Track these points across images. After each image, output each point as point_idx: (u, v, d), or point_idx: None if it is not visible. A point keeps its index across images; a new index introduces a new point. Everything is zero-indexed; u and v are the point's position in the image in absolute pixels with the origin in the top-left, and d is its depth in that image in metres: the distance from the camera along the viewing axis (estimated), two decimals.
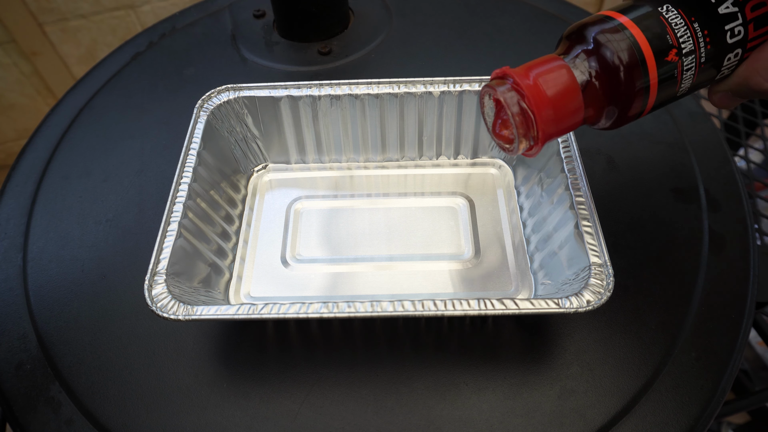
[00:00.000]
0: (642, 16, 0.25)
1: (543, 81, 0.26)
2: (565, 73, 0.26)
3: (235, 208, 0.39)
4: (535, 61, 0.27)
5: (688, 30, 0.25)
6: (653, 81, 0.26)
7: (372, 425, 0.30)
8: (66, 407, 0.31)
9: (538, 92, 0.25)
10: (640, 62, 0.25)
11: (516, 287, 0.35)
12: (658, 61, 0.25)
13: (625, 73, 0.25)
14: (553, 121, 0.26)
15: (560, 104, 0.26)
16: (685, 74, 0.26)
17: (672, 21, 0.25)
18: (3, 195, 0.42)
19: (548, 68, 0.26)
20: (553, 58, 0.27)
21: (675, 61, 0.25)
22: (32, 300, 0.36)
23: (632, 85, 0.26)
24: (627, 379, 0.31)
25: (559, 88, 0.26)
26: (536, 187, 0.37)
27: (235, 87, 0.38)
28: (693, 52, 0.25)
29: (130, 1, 0.99)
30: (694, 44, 0.25)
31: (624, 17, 0.26)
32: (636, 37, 0.25)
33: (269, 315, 0.28)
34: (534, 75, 0.26)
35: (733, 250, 0.36)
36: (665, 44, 0.25)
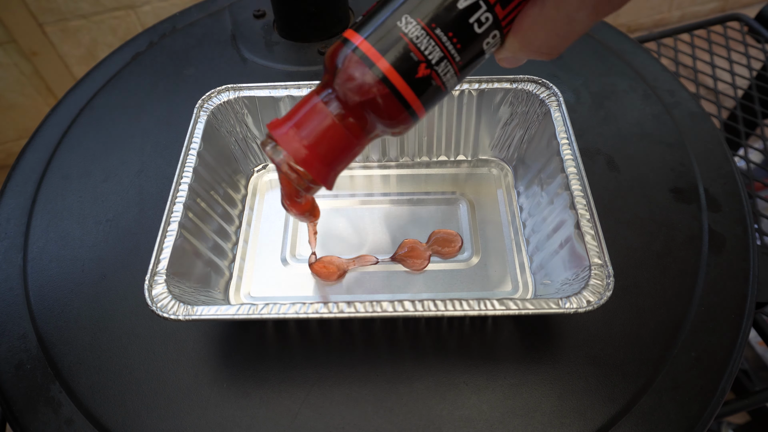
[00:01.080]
0: (381, 36, 0.23)
1: (303, 136, 0.25)
2: (325, 119, 0.25)
3: (234, 208, 0.39)
4: (295, 109, 0.26)
5: (431, 39, 0.23)
6: (412, 99, 0.24)
7: (372, 425, 0.30)
8: (66, 407, 0.31)
9: (302, 153, 0.25)
10: (392, 90, 0.24)
11: (516, 287, 0.35)
12: (409, 82, 0.24)
13: (380, 104, 0.24)
14: (327, 164, 0.26)
15: (328, 151, 0.25)
16: (445, 77, 0.24)
17: (412, 35, 0.23)
18: (3, 195, 0.42)
19: (306, 118, 0.25)
20: (311, 101, 0.26)
21: (428, 74, 0.24)
22: (32, 300, 0.36)
23: (392, 110, 0.24)
24: (627, 379, 0.31)
25: (322, 138, 0.25)
26: (536, 187, 0.37)
27: (235, 87, 0.38)
28: (443, 57, 0.24)
29: (130, 1, 0.99)
30: (443, 50, 0.23)
31: (364, 41, 0.24)
32: (379, 65, 0.23)
33: (269, 315, 0.28)
34: (293, 132, 0.25)
35: (733, 250, 0.36)
36: (411, 63, 0.23)
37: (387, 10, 0.24)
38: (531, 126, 0.38)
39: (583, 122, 0.44)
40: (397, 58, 0.23)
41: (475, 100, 0.38)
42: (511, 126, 0.39)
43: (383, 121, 0.25)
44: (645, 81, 0.47)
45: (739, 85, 0.61)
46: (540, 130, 0.37)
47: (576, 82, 0.47)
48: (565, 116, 0.35)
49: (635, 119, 0.44)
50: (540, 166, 0.37)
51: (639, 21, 1.38)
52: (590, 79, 0.47)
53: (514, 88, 0.37)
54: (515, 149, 0.40)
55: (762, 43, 0.63)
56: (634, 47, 0.50)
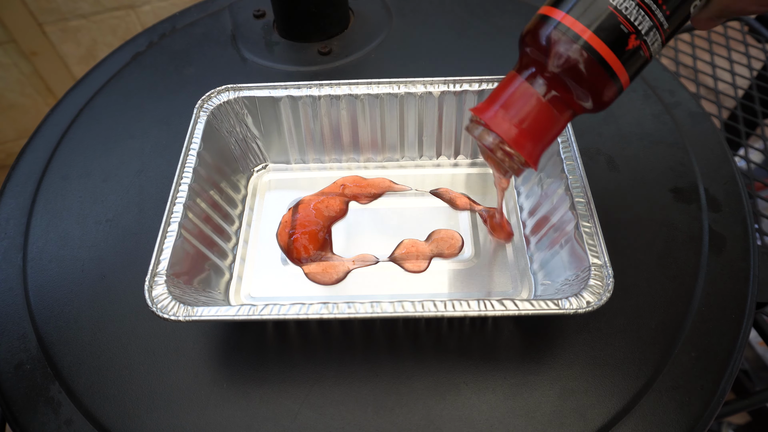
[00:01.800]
0: (586, 8, 0.23)
1: (512, 116, 0.25)
2: (532, 98, 0.24)
3: (235, 208, 0.39)
4: (498, 90, 0.26)
5: (641, 9, 0.22)
6: (621, 71, 0.24)
7: (372, 425, 0.30)
8: (66, 407, 0.31)
9: (512, 133, 0.25)
10: (601, 64, 0.23)
11: (516, 287, 0.35)
12: (618, 54, 0.23)
13: (589, 79, 0.24)
14: (536, 144, 0.26)
15: (536, 130, 0.25)
16: (653, 46, 0.24)
17: (622, 6, 0.22)
18: (3, 195, 0.42)
19: (513, 99, 0.25)
20: (514, 81, 0.25)
21: (637, 45, 0.23)
22: (32, 300, 0.36)
23: (601, 84, 0.24)
24: (627, 379, 0.31)
25: (530, 118, 0.25)
26: (536, 187, 0.37)
27: (235, 87, 0.38)
28: (653, 27, 0.23)
29: (130, 1, 0.99)
30: (652, 19, 0.23)
31: (567, 16, 0.23)
32: (588, 40, 0.23)
33: (269, 316, 0.28)
34: (501, 113, 0.25)
35: (733, 250, 0.36)
36: (622, 35, 0.23)
37: None
38: None
39: (583, 122, 0.44)
40: (607, 31, 0.23)
41: (475, 100, 0.38)
42: None
43: (590, 95, 0.24)
44: (645, 81, 0.47)
45: (739, 84, 0.61)
46: None
47: None
48: None
49: (635, 119, 0.44)
50: (540, 166, 0.37)
51: None
52: None
53: None
54: None
55: (762, 42, 0.63)
56: None
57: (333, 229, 0.38)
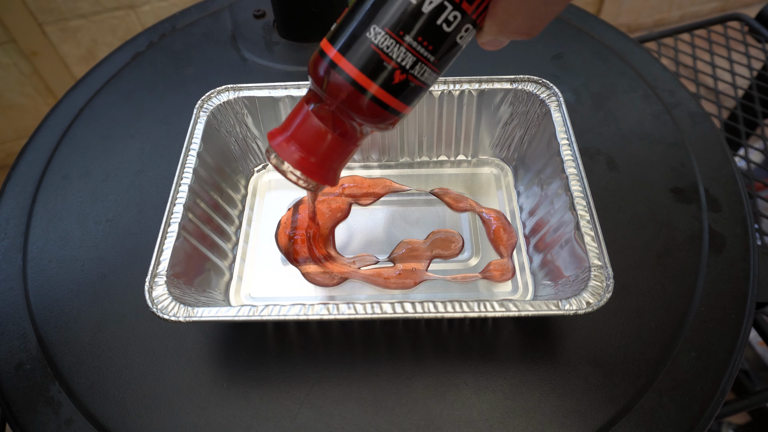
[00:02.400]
0: (353, 48, 0.24)
1: (300, 145, 0.26)
2: (316, 128, 0.26)
3: (235, 208, 0.39)
4: (289, 118, 0.27)
5: (401, 46, 0.23)
6: (394, 103, 0.25)
7: (372, 425, 0.30)
8: (66, 407, 0.31)
9: (303, 162, 0.26)
10: (372, 99, 0.24)
11: (516, 288, 0.35)
12: (387, 89, 0.24)
13: (364, 111, 0.25)
14: (326, 168, 0.27)
15: (324, 156, 0.27)
16: (422, 77, 0.25)
17: (383, 45, 0.23)
18: (3, 195, 0.42)
19: (300, 128, 0.26)
20: (302, 110, 0.27)
21: (404, 78, 0.24)
22: (32, 300, 0.36)
23: (377, 114, 0.25)
24: (627, 379, 0.31)
25: (317, 146, 0.26)
26: (536, 187, 0.37)
27: (235, 87, 0.38)
28: (417, 61, 0.24)
29: (130, 1, 0.99)
30: (415, 55, 0.24)
31: (338, 54, 0.24)
32: (356, 78, 0.24)
33: (269, 317, 0.28)
34: (290, 142, 0.26)
35: (733, 250, 0.36)
36: (386, 71, 0.24)
37: (356, 20, 0.24)
38: (531, 126, 0.38)
39: (583, 122, 0.44)
40: (372, 68, 0.24)
41: (475, 100, 0.38)
42: (511, 126, 0.39)
43: (370, 124, 0.26)
44: (645, 81, 0.47)
45: (739, 84, 0.61)
46: (540, 131, 0.37)
47: (576, 82, 0.47)
48: (565, 116, 0.35)
49: (635, 119, 0.44)
50: (540, 167, 0.37)
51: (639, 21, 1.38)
52: (590, 79, 0.47)
53: (515, 88, 0.37)
54: (515, 149, 0.40)
55: (762, 42, 0.63)
56: (634, 47, 0.50)
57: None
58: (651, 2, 1.34)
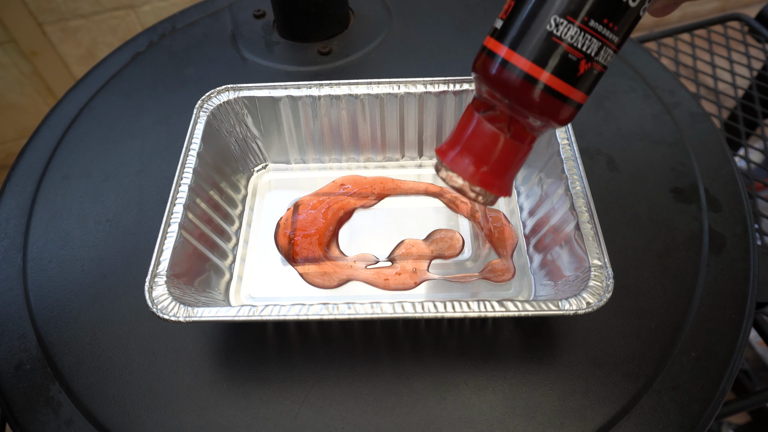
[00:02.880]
0: (533, 44, 0.22)
1: (476, 157, 0.25)
2: (493, 136, 0.24)
3: (235, 208, 0.39)
4: (459, 130, 0.25)
5: (587, 34, 0.21)
6: (577, 95, 0.23)
7: (372, 425, 0.30)
8: (66, 407, 0.31)
9: (479, 174, 0.25)
10: (555, 96, 0.23)
11: (516, 288, 0.35)
12: (571, 82, 0.23)
13: (546, 110, 0.23)
14: (504, 178, 0.26)
15: (501, 166, 0.25)
16: (605, 60, 0.23)
17: (567, 36, 0.21)
18: (3, 195, 0.42)
19: (474, 139, 0.25)
20: (473, 120, 0.25)
21: (589, 67, 0.22)
22: (32, 300, 0.36)
23: (558, 111, 0.23)
24: (627, 379, 0.31)
25: (494, 155, 0.25)
26: (536, 187, 0.37)
27: (235, 87, 0.38)
28: (602, 45, 0.22)
29: (130, 1, 0.99)
30: (601, 39, 0.22)
31: (514, 54, 0.22)
32: (539, 77, 0.22)
33: (269, 317, 0.28)
34: (465, 155, 0.25)
35: (733, 250, 0.36)
36: (571, 64, 0.22)
37: (529, 11, 0.22)
38: None
39: (583, 122, 0.44)
40: (557, 64, 0.22)
41: None
42: None
43: (550, 121, 0.24)
44: (645, 81, 0.47)
45: (739, 84, 0.61)
46: None
47: None
48: None
49: (635, 119, 0.44)
50: (540, 166, 0.37)
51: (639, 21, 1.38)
52: None
53: None
54: None
55: (762, 42, 0.63)
56: (634, 47, 0.50)
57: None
58: None
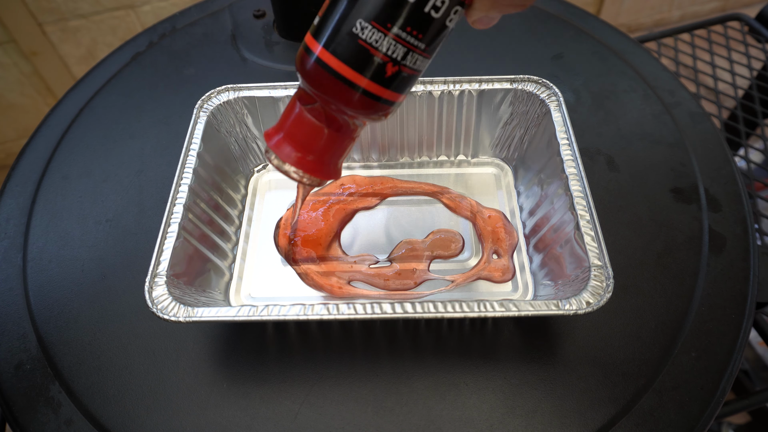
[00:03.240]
0: (340, 43, 0.23)
1: (298, 145, 0.26)
2: (312, 126, 0.26)
3: (235, 208, 0.39)
4: (284, 116, 0.27)
5: (390, 39, 0.22)
6: (387, 94, 0.24)
7: (372, 425, 0.30)
8: (66, 407, 0.31)
9: (302, 160, 0.26)
10: (365, 94, 0.24)
11: (516, 288, 0.35)
12: (380, 82, 0.24)
13: (359, 106, 0.24)
14: (327, 163, 0.27)
15: (324, 152, 0.26)
16: (414, 65, 0.24)
17: (371, 40, 0.22)
18: (3, 195, 0.42)
19: (296, 126, 0.26)
20: (295, 108, 0.26)
21: (396, 70, 0.23)
22: (32, 300, 0.36)
23: (371, 107, 0.24)
24: (627, 379, 0.31)
25: (316, 143, 0.26)
26: (536, 187, 0.37)
27: (235, 87, 0.38)
28: (408, 51, 0.23)
29: (130, 1, 0.99)
30: (405, 45, 0.23)
31: (325, 51, 0.23)
32: (347, 76, 0.23)
33: (269, 317, 0.28)
34: (288, 141, 0.26)
35: (733, 250, 0.36)
36: (377, 66, 0.23)
37: (340, 12, 0.23)
38: (531, 126, 0.38)
39: (583, 122, 0.44)
40: (363, 64, 0.23)
41: (475, 100, 0.38)
42: (511, 126, 0.39)
43: (366, 116, 0.26)
44: (645, 81, 0.47)
45: (739, 84, 0.61)
46: (540, 131, 0.37)
47: (576, 82, 0.47)
48: (565, 116, 0.35)
49: (635, 119, 0.44)
50: (540, 167, 0.37)
51: (639, 21, 1.38)
52: (590, 79, 0.47)
53: (515, 88, 0.37)
54: (515, 149, 0.40)
55: (762, 42, 0.63)
56: (634, 47, 0.50)
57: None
58: (651, 2, 1.34)
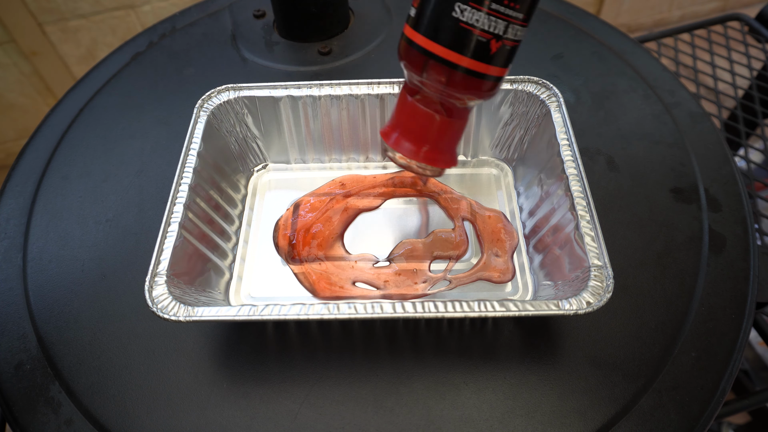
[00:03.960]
0: (443, 31, 0.23)
1: (418, 139, 0.27)
2: (428, 117, 0.26)
3: (235, 208, 0.39)
4: (398, 112, 0.27)
5: (491, 16, 0.23)
6: (495, 71, 0.25)
7: (372, 425, 0.30)
8: (66, 407, 0.31)
9: (423, 153, 0.27)
10: (475, 76, 0.24)
11: (516, 288, 0.35)
12: (486, 60, 0.24)
13: (470, 89, 0.25)
14: (447, 152, 0.27)
15: (443, 142, 0.27)
16: (516, 36, 0.24)
17: (472, 21, 0.23)
18: (3, 195, 0.42)
19: (412, 121, 0.27)
20: (407, 102, 0.26)
21: (500, 45, 0.24)
22: (32, 300, 0.36)
23: (482, 88, 0.25)
24: (627, 379, 0.31)
25: (433, 134, 0.26)
26: (536, 187, 0.37)
27: (235, 87, 0.38)
28: (508, 24, 0.23)
29: (130, 1, 0.99)
30: (506, 19, 0.23)
31: (429, 42, 0.24)
32: (456, 62, 0.24)
33: (269, 316, 0.28)
34: (406, 137, 0.27)
35: (733, 250, 0.36)
36: (482, 45, 0.23)
37: (436, 7, 0.23)
38: (531, 126, 0.38)
39: (583, 122, 0.44)
40: (469, 46, 0.23)
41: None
42: (511, 126, 0.39)
43: (478, 97, 0.26)
44: (645, 81, 0.47)
45: (739, 84, 0.61)
46: (540, 131, 0.37)
47: (576, 82, 0.47)
48: (565, 117, 0.35)
49: (635, 119, 0.44)
50: (540, 167, 0.37)
51: (639, 21, 1.38)
52: (590, 79, 0.47)
53: (515, 88, 0.37)
54: (515, 149, 0.40)
55: (762, 42, 0.63)
56: (634, 47, 0.50)
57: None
58: (651, 2, 1.34)
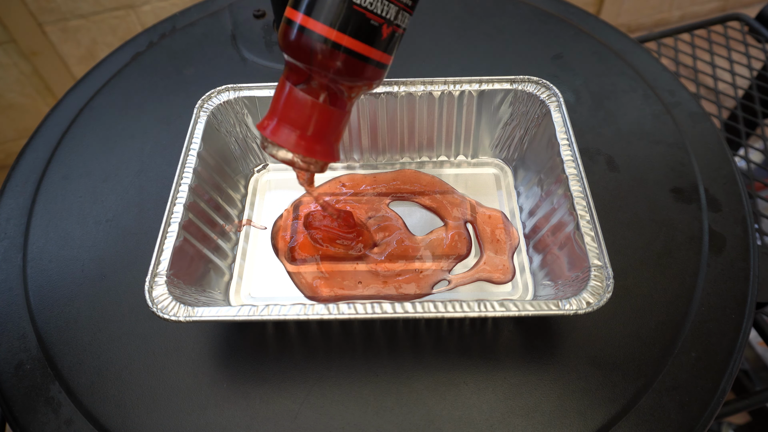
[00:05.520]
0: (334, 12, 0.23)
1: (296, 127, 0.25)
2: (307, 104, 0.25)
3: (234, 208, 0.39)
4: (274, 101, 0.26)
5: (385, 1, 0.23)
6: (382, 57, 0.24)
7: (372, 425, 0.30)
8: (66, 407, 0.31)
9: (302, 144, 0.26)
10: (362, 60, 0.24)
11: (516, 288, 0.35)
12: (376, 46, 0.24)
13: (356, 74, 0.24)
14: (328, 143, 0.26)
15: (322, 131, 0.26)
16: (404, 23, 0.24)
17: (365, 4, 0.23)
18: (3, 195, 0.42)
19: (290, 109, 0.25)
20: (285, 89, 0.25)
21: (390, 31, 0.24)
22: (32, 300, 0.36)
23: (367, 73, 0.25)
24: (627, 379, 0.31)
25: (313, 122, 0.25)
26: (536, 187, 0.37)
27: (235, 87, 0.38)
28: (399, 9, 0.23)
29: (130, 1, 0.99)
30: (397, 4, 0.23)
31: (318, 23, 0.23)
32: (344, 44, 0.23)
33: (269, 316, 0.28)
34: (285, 127, 0.26)
35: (733, 250, 0.36)
36: (373, 29, 0.23)
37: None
38: (531, 126, 0.38)
39: (583, 122, 0.44)
40: (360, 30, 0.23)
41: (475, 101, 0.38)
42: (511, 126, 0.39)
43: (362, 84, 0.26)
44: (645, 81, 0.47)
45: (739, 84, 0.61)
46: (540, 131, 0.37)
47: (576, 82, 0.47)
48: (565, 117, 0.35)
49: (635, 119, 0.44)
50: (540, 167, 0.37)
51: (639, 21, 1.38)
52: (590, 79, 0.47)
53: (515, 88, 0.37)
54: (515, 149, 0.40)
55: (762, 42, 0.63)
56: (634, 47, 0.50)
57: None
58: (651, 2, 1.34)
